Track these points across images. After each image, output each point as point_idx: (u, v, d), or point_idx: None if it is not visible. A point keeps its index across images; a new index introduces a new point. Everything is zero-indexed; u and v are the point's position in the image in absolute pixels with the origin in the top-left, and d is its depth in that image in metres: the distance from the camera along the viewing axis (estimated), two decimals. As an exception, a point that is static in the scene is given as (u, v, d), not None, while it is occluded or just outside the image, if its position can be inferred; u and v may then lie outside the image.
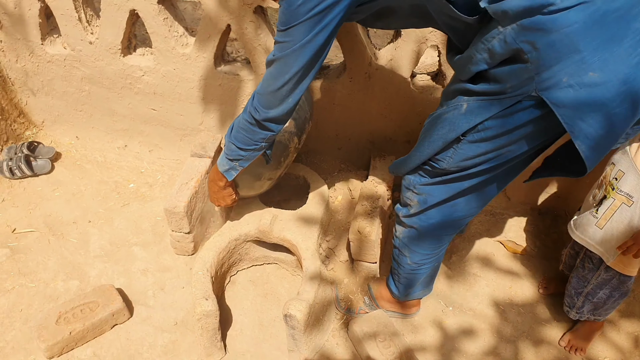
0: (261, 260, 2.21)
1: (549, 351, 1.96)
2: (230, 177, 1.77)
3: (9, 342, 1.92)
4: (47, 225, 2.33)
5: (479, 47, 1.20)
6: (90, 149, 2.69)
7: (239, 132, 1.61)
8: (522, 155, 1.36)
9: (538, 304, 2.10)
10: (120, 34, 2.19)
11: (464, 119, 1.29)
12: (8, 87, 2.56)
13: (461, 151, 1.36)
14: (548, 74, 1.11)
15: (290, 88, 1.42)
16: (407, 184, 1.60)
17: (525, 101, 1.18)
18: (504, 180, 1.51)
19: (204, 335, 1.81)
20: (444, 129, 1.35)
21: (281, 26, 1.30)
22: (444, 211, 1.59)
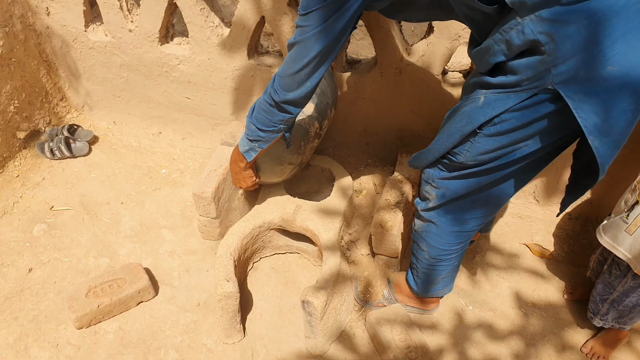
0: (284, 249, 2.25)
1: (571, 357, 1.92)
2: (249, 158, 1.79)
3: (43, 310, 2.02)
4: (82, 204, 2.43)
5: (497, 39, 1.20)
6: (126, 134, 2.79)
7: (259, 113, 1.64)
8: (538, 152, 1.34)
9: (562, 309, 2.06)
10: (159, 22, 2.27)
11: (480, 112, 1.29)
12: (53, 71, 2.69)
13: (478, 145, 1.36)
14: (565, 67, 1.10)
15: (308, 72, 1.44)
16: (426, 177, 1.61)
17: (541, 94, 1.17)
18: (522, 178, 1.49)
19: (224, 316, 1.86)
20: (461, 122, 1.36)
21: (302, 10, 1.33)
22: (461, 207, 1.59)
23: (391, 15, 1.61)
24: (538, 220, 2.34)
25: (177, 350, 1.91)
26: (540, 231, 2.31)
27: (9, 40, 2.41)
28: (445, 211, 1.62)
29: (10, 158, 2.59)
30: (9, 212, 2.39)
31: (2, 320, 1.99)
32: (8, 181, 2.52)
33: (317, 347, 1.89)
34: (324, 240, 1.98)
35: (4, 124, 2.51)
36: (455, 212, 1.61)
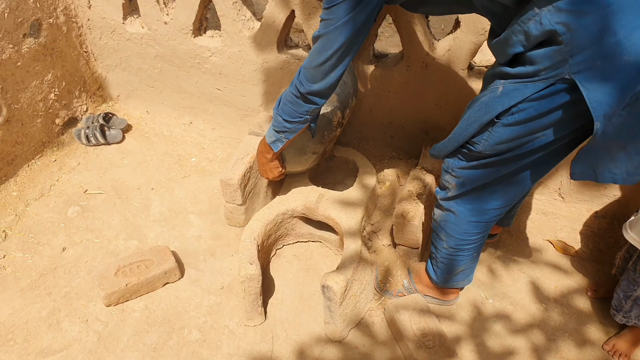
0: (306, 237, 2.29)
1: (592, 353, 1.90)
2: (276, 149, 1.85)
3: (74, 287, 2.11)
4: (114, 189, 2.53)
5: (515, 29, 1.22)
6: (158, 124, 2.89)
7: (285, 105, 1.69)
8: (556, 143, 1.35)
9: (584, 306, 2.05)
10: (193, 15, 2.35)
11: (498, 102, 1.31)
12: (91, 62, 2.81)
13: (496, 134, 1.37)
14: (582, 57, 1.11)
15: (333, 63, 1.49)
16: (446, 166, 1.63)
17: (558, 84, 1.19)
18: (540, 169, 1.50)
19: (246, 298, 1.91)
20: (480, 112, 1.38)
21: (326, 4, 1.38)
22: (480, 197, 1.60)
23: (412, 9, 1.64)
24: (563, 217, 2.32)
25: (200, 331, 1.97)
26: (564, 228, 2.29)
27: (53, 31, 2.53)
28: (464, 201, 1.64)
29: (49, 143, 2.72)
30: (46, 194, 2.50)
31: (36, 295, 2.08)
32: (46, 165, 2.64)
33: (335, 332, 1.93)
34: (345, 228, 2.02)
35: (45, 111, 2.63)
36: (473, 202, 1.63)
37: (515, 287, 2.11)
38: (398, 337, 1.92)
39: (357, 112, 2.42)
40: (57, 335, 1.94)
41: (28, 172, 2.59)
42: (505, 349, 1.92)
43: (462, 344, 1.93)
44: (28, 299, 2.07)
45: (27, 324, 1.99)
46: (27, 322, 1.99)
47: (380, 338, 1.95)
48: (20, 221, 2.37)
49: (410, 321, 1.90)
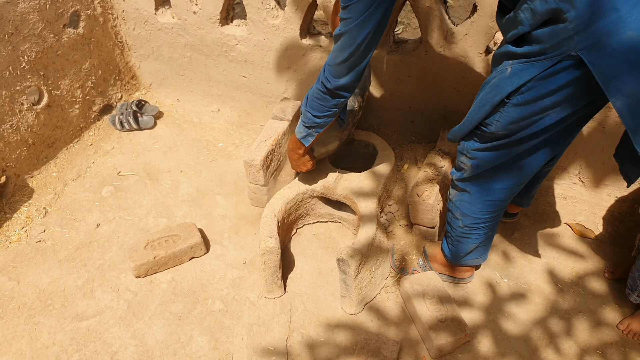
0: (326, 217, 2.37)
1: (606, 333, 1.91)
2: (307, 143, 1.94)
3: (107, 260, 2.25)
4: (145, 171, 2.67)
5: (523, 7, 1.26)
6: (188, 111, 3.02)
7: (313, 102, 1.78)
8: (566, 120, 1.38)
9: (600, 287, 2.06)
10: (220, 5, 2.46)
11: (508, 82, 1.35)
12: (125, 51, 2.96)
13: (507, 114, 1.41)
14: (586, 34, 1.15)
15: (356, 58, 1.56)
16: (461, 148, 1.68)
17: (565, 61, 1.22)
18: (552, 147, 1.53)
19: (266, 271, 2.00)
20: (491, 93, 1.42)
21: (343, 3, 1.45)
22: (494, 176, 1.64)
23: None
24: (582, 202, 2.33)
25: (223, 301, 2.07)
26: (583, 212, 2.30)
27: (90, 22, 2.69)
28: (479, 181, 1.68)
29: (85, 128, 2.88)
30: (82, 175, 2.66)
31: (73, 266, 2.23)
32: (83, 149, 2.80)
33: (351, 305, 2.00)
34: (362, 207, 2.08)
35: (82, 97, 2.80)
36: (488, 181, 1.67)
37: (530, 267, 2.13)
38: (412, 312, 1.97)
39: (377, 97, 2.48)
40: (90, 303, 2.08)
41: (66, 154, 2.75)
42: (519, 327, 1.95)
43: (475, 321, 1.97)
44: (65, 269, 2.21)
45: (64, 291, 2.13)
46: (64, 290, 2.13)
47: (395, 313, 2.01)
48: (59, 199, 2.53)
49: (425, 297, 1.95)
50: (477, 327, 1.95)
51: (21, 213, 2.43)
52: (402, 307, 2.03)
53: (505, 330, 1.94)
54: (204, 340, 1.94)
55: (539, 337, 1.91)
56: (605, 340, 1.90)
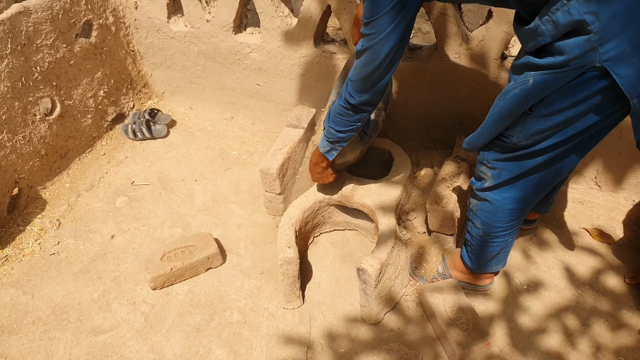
0: (342, 225, 2.36)
1: (627, 338, 1.90)
2: (331, 157, 1.94)
3: (122, 272, 2.24)
4: (159, 180, 2.66)
5: (544, 19, 1.24)
6: (201, 119, 3.02)
7: (336, 117, 1.78)
8: (591, 129, 1.37)
9: (621, 292, 2.04)
10: (233, 13, 2.46)
11: (530, 93, 1.33)
12: (137, 60, 2.96)
13: (529, 125, 1.40)
14: (611, 45, 1.14)
15: (381, 73, 1.55)
16: (481, 158, 1.66)
17: (589, 72, 1.21)
18: (576, 156, 1.51)
19: (285, 281, 1.99)
20: (512, 105, 1.40)
21: (366, 19, 1.42)
22: (517, 186, 1.63)
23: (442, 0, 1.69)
24: (599, 206, 2.31)
25: (241, 313, 2.06)
26: (601, 216, 2.28)
27: (102, 31, 2.69)
28: (501, 190, 1.67)
29: (98, 138, 2.88)
30: (95, 185, 2.65)
31: (88, 279, 2.21)
32: (96, 158, 2.79)
33: (371, 315, 1.98)
34: (380, 214, 2.07)
35: (95, 107, 2.79)
36: (510, 191, 1.65)
37: (550, 273, 2.12)
38: (432, 320, 1.96)
39: (393, 104, 2.47)
40: (107, 316, 2.06)
41: (79, 165, 2.75)
42: (538, 332, 1.93)
43: (495, 327, 1.96)
44: (80, 282, 2.20)
45: (80, 305, 2.11)
46: (80, 304, 2.12)
47: (414, 322, 1.99)
48: (73, 210, 2.52)
49: (445, 305, 1.94)
50: (497, 332, 1.94)
51: (34, 225, 2.42)
52: (422, 315, 2.01)
53: (525, 335, 1.92)
54: (223, 352, 1.92)
55: (558, 342, 1.90)
56: (626, 344, 1.88)
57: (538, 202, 2.11)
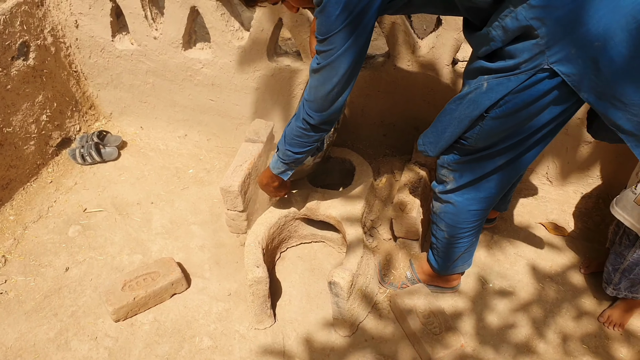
0: (309, 238, 2.34)
1: (588, 325, 1.99)
2: (286, 177, 1.91)
3: (81, 306, 2.12)
4: (114, 205, 2.55)
5: (494, 25, 1.28)
6: (153, 138, 2.92)
7: (293, 139, 1.73)
8: (547, 126, 1.41)
9: (578, 282, 2.13)
10: (182, 29, 2.39)
11: (485, 97, 1.37)
12: (81, 81, 2.83)
13: (486, 127, 1.44)
14: (557, 48, 1.19)
15: (339, 89, 1.51)
16: (441, 162, 1.69)
17: (539, 74, 1.26)
18: (532, 154, 1.55)
19: (255, 302, 1.94)
20: (469, 108, 1.43)
21: (321, 36, 1.38)
22: (478, 187, 1.66)
23: (394, 12, 1.70)
24: (552, 201, 2.41)
25: (211, 337, 2.00)
26: (554, 210, 2.38)
27: (41, 52, 2.55)
28: (462, 192, 1.70)
29: (43, 165, 2.72)
30: (44, 215, 2.51)
31: (42, 317, 2.08)
32: (42, 187, 2.64)
33: (344, 328, 1.97)
34: (347, 225, 2.07)
35: (38, 133, 2.64)
36: (472, 192, 1.69)
37: (513, 269, 2.19)
38: (405, 326, 1.97)
39: (349, 113, 2.48)
40: (66, 355, 1.95)
41: (24, 195, 2.59)
42: (507, 328, 1.98)
43: (466, 327, 2.00)
44: (34, 321, 2.07)
45: (35, 346, 1.99)
46: (35, 345, 1.99)
47: (388, 329, 2.00)
48: (20, 245, 2.37)
49: (416, 310, 1.96)
50: (469, 334, 1.97)
51: (-23, 264, 2.26)
52: (394, 322, 2.02)
53: (494, 332, 1.97)
54: (197, 379, 1.86)
55: (527, 335, 1.96)
56: (587, 331, 1.97)
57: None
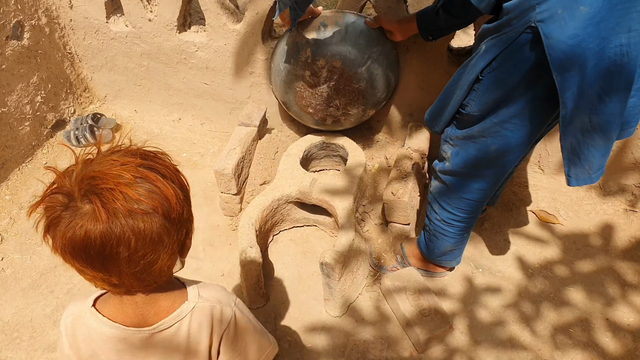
0: (301, 222, 2.36)
1: (572, 313, 2.02)
2: (278, 13, 1.82)
3: (76, 284, 2.15)
4: (108, 187, 2.56)
5: None
6: (147, 122, 2.92)
7: None
8: (535, 102, 1.43)
9: (566, 270, 2.16)
10: (177, 11, 2.39)
11: (481, 59, 1.43)
12: (76, 63, 2.83)
13: (480, 92, 1.48)
14: (546, 6, 1.23)
15: None
16: (445, 136, 1.73)
17: (524, 34, 1.30)
18: (523, 144, 1.56)
19: (248, 282, 1.97)
20: (468, 73, 1.49)
21: None
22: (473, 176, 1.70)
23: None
24: (543, 189, 2.44)
25: (205, 316, 2.03)
26: (545, 198, 2.41)
27: (35, 33, 2.55)
28: (458, 178, 1.73)
29: (38, 146, 2.73)
30: (39, 195, 2.51)
31: (39, 294, 2.11)
32: (37, 168, 2.65)
33: (335, 308, 2.01)
34: (339, 209, 2.09)
35: (32, 114, 2.65)
36: (466, 180, 1.72)
37: (502, 256, 2.22)
38: (395, 308, 2.01)
39: (342, 98, 2.49)
40: (63, 331, 1.98)
41: (19, 175, 2.60)
42: (495, 314, 2.02)
43: (455, 311, 2.03)
44: (31, 297, 2.10)
45: (32, 321, 2.02)
46: (32, 320, 2.02)
47: (378, 311, 2.04)
48: (16, 224, 2.39)
49: (406, 293, 1.99)
50: (457, 317, 2.01)
51: (-26, 243, 2.28)
52: (384, 304, 2.06)
53: (482, 318, 2.01)
54: (190, 357, 1.89)
55: (514, 321, 1.99)
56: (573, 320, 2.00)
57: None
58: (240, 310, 1.09)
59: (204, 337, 1.04)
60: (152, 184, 0.85)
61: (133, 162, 0.85)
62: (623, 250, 2.21)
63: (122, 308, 0.99)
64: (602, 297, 2.05)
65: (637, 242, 2.23)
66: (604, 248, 2.23)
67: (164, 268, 0.92)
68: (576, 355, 1.88)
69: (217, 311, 1.04)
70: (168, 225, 0.87)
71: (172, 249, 0.92)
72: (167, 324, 1.00)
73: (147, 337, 0.99)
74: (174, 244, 0.91)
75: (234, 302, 1.08)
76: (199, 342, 1.04)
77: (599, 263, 2.17)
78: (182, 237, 0.95)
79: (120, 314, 1.00)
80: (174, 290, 1.03)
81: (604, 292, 2.07)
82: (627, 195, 2.37)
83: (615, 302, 2.03)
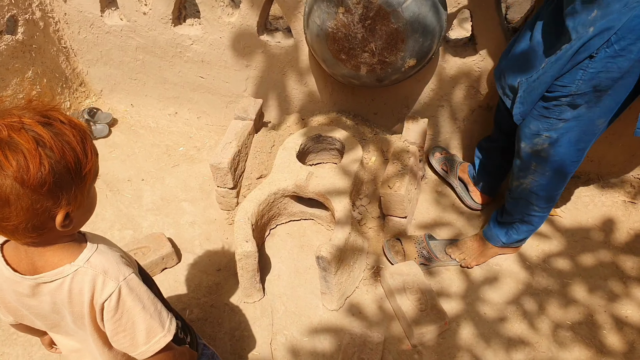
0: (298, 215, 2.35)
1: (572, 306, 2.01)
2: None
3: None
4: (104, 182, 2.56)
5: None
6: (143, 116, 2.91)
7: None
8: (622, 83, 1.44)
9: (565, 264, 2.15)
10: (172, 4, 2.37)
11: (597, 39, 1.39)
12: (71, 57, 2.81)
13: (593, 69, 1.44)
14: None
15: None
16: (529, 132, 1.71)
17: None
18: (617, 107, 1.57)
19: (244, 275, 1.97)
20: (579, 54, 1.45)
21: None
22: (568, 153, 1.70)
23: None
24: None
25: (202, 310, 2.03)
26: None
27: (29, 27, 2.53)
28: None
29: (34, 141, 2.72)
30: (36, 191, 2.51)
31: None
32: (34, 163, 2.64)
33: (332, 302, 2.00)
34: (335, 202, 2.08)
35: (28, 109, 2.63)
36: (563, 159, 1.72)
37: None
38: (393, 303, 2.00)
39: (340, 92, 2.48)
40: (60, 326, 1.98)
41: (16, 170, 2.59)
42: (494, 309, 2.01)
43: (452, 307, 2.02)
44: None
45: (29, 317, 2.01)
46: (29, 316, 2.02)
47: (375, 305, 2.03)
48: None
49: (405, 287, 1.98)
50: (455, 311, 2.01)
51: (-29, 237, 2.27)
52: (382, 298, 2.05)
53: (481, 314, 2.00)
54: (186, 352, 1.89)
55: (514, 316, 1.98)
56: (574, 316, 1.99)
57: (487, 185, 2.23)
58: (130, 287, 1.06)
59: (86, 302, 1.04)
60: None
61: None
62: (622, 243, 2.20)
63: (17, 254, 1.04)
64: (602, 290, 2.04)
65: (636, 234, 2.22)
66: (603, 240, 2.21)
67: (19, 229, 0.92)
68: (575, 348, 1.87)
69: (99, 281, 1.03)
70: (21, 190, 0.87)
71: (27, 214, 0.90)
72: (48, 278, 1.02)
73: (33, 285, 1.03)
74: (27, 209, 0.89)
75: (123, 277, 1.05)
76: (82, 305, 1.05)
77: (598, 255, 2.16)
78: (45, 205, 0.92)
79: (16, 259, 1.04)
80: (69, 248, 1.04)
81: (604, 285, 2.05)
82: (626, 187, 2.36)
83: (615, 295, 2.02)
